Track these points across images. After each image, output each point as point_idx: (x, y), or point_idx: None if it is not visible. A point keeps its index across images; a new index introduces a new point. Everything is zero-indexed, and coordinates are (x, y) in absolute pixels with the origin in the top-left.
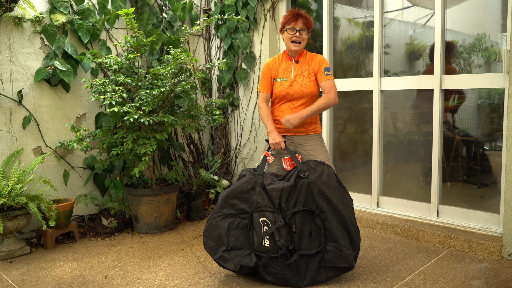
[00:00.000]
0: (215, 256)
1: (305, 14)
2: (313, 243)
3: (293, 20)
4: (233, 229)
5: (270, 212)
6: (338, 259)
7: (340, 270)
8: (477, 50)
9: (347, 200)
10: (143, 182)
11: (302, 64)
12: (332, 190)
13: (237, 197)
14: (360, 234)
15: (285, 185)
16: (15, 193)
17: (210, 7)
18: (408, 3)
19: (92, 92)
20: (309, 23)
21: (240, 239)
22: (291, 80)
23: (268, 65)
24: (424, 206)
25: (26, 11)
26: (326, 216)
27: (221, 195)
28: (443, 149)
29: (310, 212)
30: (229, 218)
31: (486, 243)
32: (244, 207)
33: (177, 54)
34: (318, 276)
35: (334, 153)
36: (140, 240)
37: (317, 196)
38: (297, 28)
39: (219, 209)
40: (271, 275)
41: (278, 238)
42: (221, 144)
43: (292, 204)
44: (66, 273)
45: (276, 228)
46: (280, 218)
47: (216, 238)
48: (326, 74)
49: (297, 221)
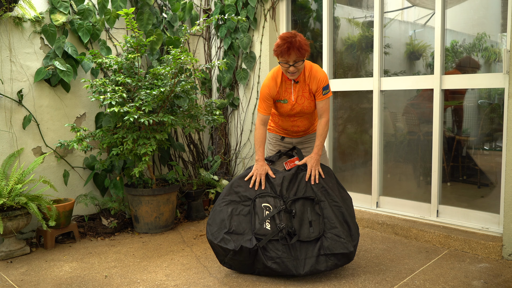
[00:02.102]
0: (217, 240)
1: (298, 44)
2: (313, 232)
3: (285, 53)
4: (236, 215)
5: (272, 197)
6: (337, 246)
7: (339, 259)
8: (477, 50)
9: (346, 197)
10: (143, 182)
11: (302, 84)
12: (331, 184)
13: (241, 185)
14: (359, 233)
15: (286, 173)
16: (15, 193)
17: (210, 7)
18: (408, 3)
19: (92, 92)
20: (302, 54)
21: (242, 224)
22: (292, 103)
23: (268, 87)
24: (424, 206)
25: (26, 11)
26: (325, 204)
27: (227, 185)
28: (443, 149)
29: (310, 200)
30: (232, 205)
31: (486, 243)
32: (247, 194)
33: (177, 54)
34: (318, 265)
35: (334, 153)
36: (140, 240)
37: (316, 187)
38: (290, 63)
39: (224, 196)
40: (271, 260)
41: (279, 221)
42: (221, 144)
43: (293, 193)
44: (66, 273)
45: (277, 211)
46: (281, 203)
47: (219, 222)
48: (325, 93)
49: (297, 208)
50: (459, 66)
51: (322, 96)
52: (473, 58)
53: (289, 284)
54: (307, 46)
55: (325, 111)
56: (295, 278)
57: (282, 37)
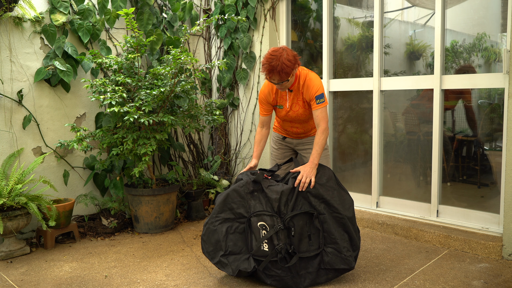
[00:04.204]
0: (213, 260)
1: (280, 67)
2: (312, 246)
3: (267, 75)
4: (231, 234)
5: (268, 216)
6: (337, 261)
7: (339, 272)
8: (477, 50)
9: (347, 202)
10: (143, 182)
11: (296, 92)
12: (330, 192)
13: (235, 202)
14: (360, 235)
15: (284, 188)
16: (15, 193)
17: (210, 7)
18: (408, 3)
19: (92, 92)
20: (284, 77)
21: (238, 243)
22: (287, 110)
23: (264, 93)
24: (424, 206)
25: (26, 11)
26: (325, 218)
27: (219, 198)
28: (443, 149)
29: (308, 214)
30: (227, 223)
31: (486, 243)
32: (242, 212)
33: (177, 54)
34: (318, 278)
35: (334, 153)
36: (140, 240)
37: (315, 199)
38: (274, 82)
39: (217, 214)
40: (271, 278)
41: (277, 242)
42: (221, 144)
43: (291, 207)
44: (66, 273)
45: (275, 232)
46: (278, 221)
47: (214, 243)
48: (318, 102)
49: (295, 224)
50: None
51: (317, 105)
52: (472, 66)
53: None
54: (291, 67)
55: (322, 119)
56: None
57: (266, 56)
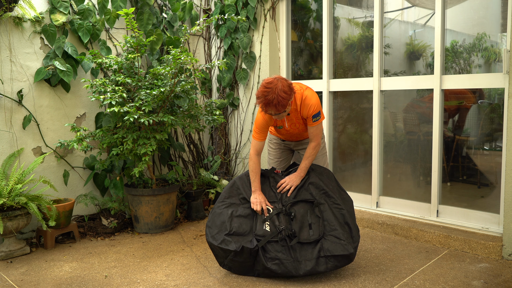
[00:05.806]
0: (217, 242)
1: (275, 101)
2: (313, 235)
3: (264, 107)
4: (236, 217)
5: (271, 202)
6: (337, 247)
7: (339, 260)
8: (477, 50)
9: (346, 200)
10: (143, 182)
11: (294, 113)
12: (331, 187)
13: (241, 188)
14: (360, 234)
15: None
16: (15, 193)
17: (210, 7)
18: (408, 3)
19: (92, 92)
20: (280, 109)
21: (243, 226)
22: (287, 129)
23: (264, 119)
24: (424, 206)
25: (26, 11)
26: (325, 207)
27: (226, 186)
28: (443, 149)
29: (309, 203)
30: (232, 207)
31: (486, 243)
32: (246, 197)
33: (177, 54)
34: (318, 266)
35: (334, 153)
36: (140, 240)
37: (317, 190)
38: (271, 114)
39: (223, 199)
40: (271, 261)
41: (278, 223)
42: (221, 144)
43: (293, 195)
44: (66, 273)
45: (277, 212)
46: (280, 206)
47: (219, 225)
48: (314, 120)
49: (297, 211)
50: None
51: (313, 123)
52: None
53: (289, 284)
54: (287, 98)
55: (315, 136)
56: (295, 278)
57: (261, 89)
